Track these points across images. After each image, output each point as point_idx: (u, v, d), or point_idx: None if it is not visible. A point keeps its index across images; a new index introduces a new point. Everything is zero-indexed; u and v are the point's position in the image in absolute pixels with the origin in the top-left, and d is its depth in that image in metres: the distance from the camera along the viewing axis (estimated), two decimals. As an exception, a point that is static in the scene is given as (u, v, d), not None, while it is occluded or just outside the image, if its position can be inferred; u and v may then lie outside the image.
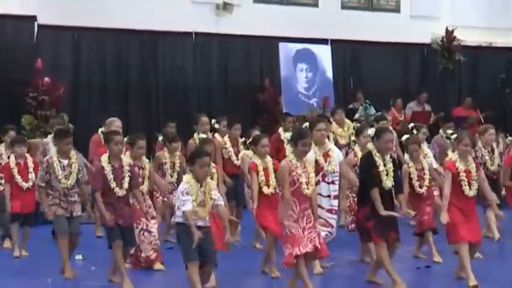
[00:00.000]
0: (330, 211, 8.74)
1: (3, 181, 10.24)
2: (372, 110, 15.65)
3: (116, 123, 10.38)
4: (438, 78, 18.80)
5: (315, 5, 18.15)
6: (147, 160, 9.22)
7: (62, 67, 15.65)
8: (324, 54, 17.02)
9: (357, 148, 9.61)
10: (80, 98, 15.61)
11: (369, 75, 18.14)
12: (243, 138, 10.40)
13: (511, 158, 10.73)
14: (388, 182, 7.96)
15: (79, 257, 9.42)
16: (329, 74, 16.95)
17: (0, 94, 14.73)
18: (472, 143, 8.71)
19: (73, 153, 8.83)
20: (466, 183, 8.30)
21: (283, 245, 7.70)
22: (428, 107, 17.17)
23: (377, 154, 8.01)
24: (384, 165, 7.98)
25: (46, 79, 14.61)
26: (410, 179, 9.39)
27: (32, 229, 9.98)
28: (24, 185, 9.89)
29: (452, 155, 8.54)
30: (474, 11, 19.28)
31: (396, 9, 19.03)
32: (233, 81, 17.04)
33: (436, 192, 9.97)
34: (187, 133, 11.61)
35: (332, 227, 8.72)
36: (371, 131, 8.62)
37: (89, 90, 15.99)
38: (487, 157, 10.75)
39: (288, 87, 16.39)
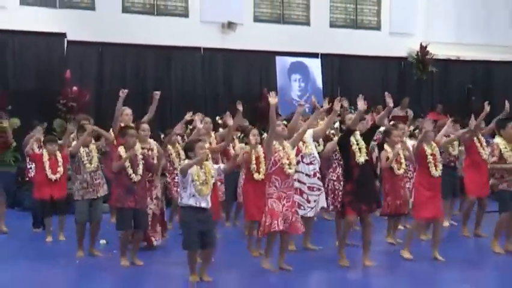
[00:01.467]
0: (311, 188, 8.69)
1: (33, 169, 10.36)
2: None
3: (126, 111, 10.09)
4: (414, 87, 18.81)
5: (307, 23, 18.15)
6: (154, 142, 9.01)
7: (88, 77, 15.70)
8: (314, 67, 16.99)
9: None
10: (103, 105, 15.59)
11: (353, 84, 18.08)
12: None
13: None
14: (361, 158, 7.96)
15: (102, 241, 9.35)
16: (319, 83, 16.94)
17: (35, 101, 14.76)
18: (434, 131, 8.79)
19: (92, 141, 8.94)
20: (433, 165, 8.37)
21: (264, 216, 7.68)
22: (410, 112, 17.14)
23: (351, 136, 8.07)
24: (357, 143, 8.00)
25: (74, 88, 14.71)
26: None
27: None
28: (53, 176, 9.88)
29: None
30: (445, 28, 19.30)
31: (377, 27, 19.01)
32: (236, 90, 17.02)
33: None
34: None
35: (309, 202, 8.67)
36: (336, 124, 8.72)
37: (111, 98, 15.73)
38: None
39: (283, 95, 16.32)
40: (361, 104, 8.16)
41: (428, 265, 8.31)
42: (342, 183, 8.54)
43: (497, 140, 8.99)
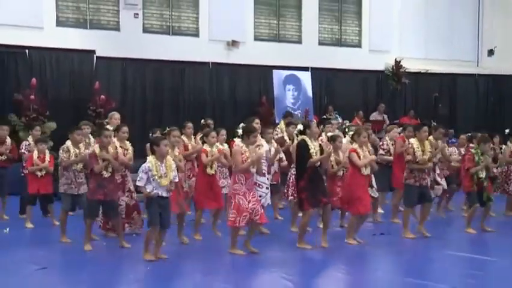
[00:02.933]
0: (256, 185, 8.45)
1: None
2: (339, 119, 15.78)
3: (115, 116, 9.73)
4: (390, 96, 18.91)
5: (299, 42, 18.19)
6: (129, 144, 8.61)
7: (114, 88, 15.68)
8: (305, 79, 17.06)
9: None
10: (126, 111, 15.62)
11: (338, 93, 18.20)
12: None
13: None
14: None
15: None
16: (309, 93, 17.01)
17: (68, 107, 14.82)
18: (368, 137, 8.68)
19: (82, 145, 8.61)
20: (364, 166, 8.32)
21: (230, 210, 7.62)
22: (386, 117, 17.29)
23: (309, 140, 8.01)
24: (314, 148, 7.97)
25: (102, 96, 14.64)
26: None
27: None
28: (39, 173, 9.48)
29: (354, 145, 8.54)
30: (415, 46, 19.39)
31: (359, 45, 19.05)
32: (239, 98, 17.08)
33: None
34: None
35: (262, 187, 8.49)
36: (299, 126, 8.45)
37: (133, 105, 16.07)
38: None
39: (279, 103, 16.49)
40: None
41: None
42: None
43: (412, 140, 8.97)
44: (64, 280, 6.82)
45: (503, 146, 11.63)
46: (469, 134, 11.41)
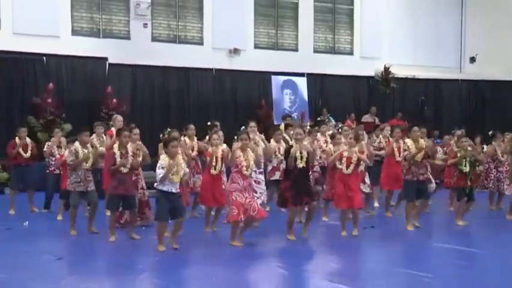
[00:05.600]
0: (256, 182, 8.64)
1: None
2: (333, 121, 15.76)
3: (118, 118, 9.81)
4: (379, 99, 18.84)
5: (296, 50, 18.19)
6: (141, 144, 8.58)
7: (124, 92, 15.71)
8: (302, 84, 17.08)
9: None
10: (136, 113, 15.70)
11: (332, 97, 18.20)
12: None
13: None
14: (300, 163, 7.88)
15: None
16: (305, 96, 17.03)
17: (83, 110, 14.80)
18: (356, 139, 8.58)
19: (89, 145, 8.55)
20: (345, 165, 8.32)
21: (230, 206, 7.61)
22: (377, 119, 17.28)
23: (295, 144, 7.98)
24: (300, 152, 7.90)
25: (114, 100, 14.72)
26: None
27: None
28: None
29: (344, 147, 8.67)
30: (403, 54, 19.37)
31: (351, 53, 19.05)
32: (240, 102, 17.07)
33: None
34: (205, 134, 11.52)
35: (256, 192, 8.43)
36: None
37: (142, 108, 16.08)
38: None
39: (277, 106, 16.50)
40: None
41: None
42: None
43: (407, 140, 9.05)
44: (78, 270, 6.80)
45: (485, 146, 11.66)
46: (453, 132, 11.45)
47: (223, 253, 7.46)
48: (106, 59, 15.40)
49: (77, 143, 8.46)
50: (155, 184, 7.25)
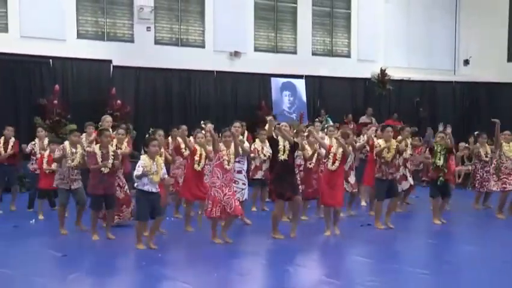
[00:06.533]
0: (239, 172, 8.52)
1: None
2: (330, 121, 15.77)
3: (107, 119, 9.69)
4: (376, 101, 18.84)
5: (295, 52, 18.19)
6: (125, 144, 8.59)
7: (128, 93, 15.66)
8: (300, 85, 17.09)
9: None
10: (140, 114, 15.71)
11: (330, 98, 18.18)
12: None
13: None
14: (282, 156, 7.80)
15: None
16: (304, 98, 17.03)
17: (88, 111, 14.51)
18: (347, 138, 8.51)
19: (79, 144, 8.36)
20: (331, 161, 8.22)
21: (207, 201, 7.55)
22: (373, 119, 17.28)
23: (281, 139, 7.90)
24: (284, 145, 7.83)
25: (118, 101, 14.69)
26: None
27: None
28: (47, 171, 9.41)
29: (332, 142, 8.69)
30: (399, 56, 19.38)
31: (348, 55, 19.06)
32: (240, 103, 17.06)
33: None
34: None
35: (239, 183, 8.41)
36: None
37: (146, 109, 16.08)
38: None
39: (276, 107, 16.49)
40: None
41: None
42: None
43: (379, 140, 8.98)
44: (82, 266, 6.79)
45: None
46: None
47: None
48: (110, 61, 15.40)
49: (66, 142, 8.38)
50: (135, 184, 7.15)
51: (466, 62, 20.42)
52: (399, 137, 9.31)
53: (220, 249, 7.43)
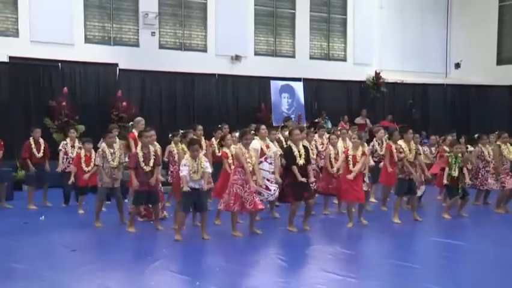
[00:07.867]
0: (269, 180, 8.46)
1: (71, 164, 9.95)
2: (329, 123, 15.79)
3: (142, 122, 9.70)
4: (370, 102, 18.87)
5: (293, 56, 18.24)
6: (158, 144, 8.44)
7: (134, 96, 15.71)
8: (298, 88, 17.10)
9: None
10: (144, 116, 15.55)
11: (326, 101, 18.17)
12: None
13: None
14: (300, 161, 7.92)
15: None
16: (302, 100, 17.04)
17: (95, 112, 14.84)
18: (360, 138, 8.61)
19: (116, 144, 8.61)
20: (351, 163, 8.44)
21: (228, 196, 7.65)
22: (368, 121, 17.30)
23: (293, 144, 8.03)
24: (298, 150, 7.95)
25: (124, 103, 14.74)
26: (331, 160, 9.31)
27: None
28: (86, 169, 9.57)
29: (349, 145, 8.88)
30: (392, 60, 19.40)
31: (344, 59, 19.10)
32: (241, 104, 17.08)
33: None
34: (210, 135, 11.48)
35: (270, 190, 8.31)
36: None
37: (150, 110, 16.05)
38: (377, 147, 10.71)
39: (276, 109, 16.52)
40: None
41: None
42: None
43: (400, 142, 9.17)
44: (96, 259, 6.80)
45: (469, 146, 11.68)
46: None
47: (225, 244, 7.44)
48: (116, 65, 15.44)
49: (103, 144, 8.60)
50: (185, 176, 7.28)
51: (457, 65, 20.46)
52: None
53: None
